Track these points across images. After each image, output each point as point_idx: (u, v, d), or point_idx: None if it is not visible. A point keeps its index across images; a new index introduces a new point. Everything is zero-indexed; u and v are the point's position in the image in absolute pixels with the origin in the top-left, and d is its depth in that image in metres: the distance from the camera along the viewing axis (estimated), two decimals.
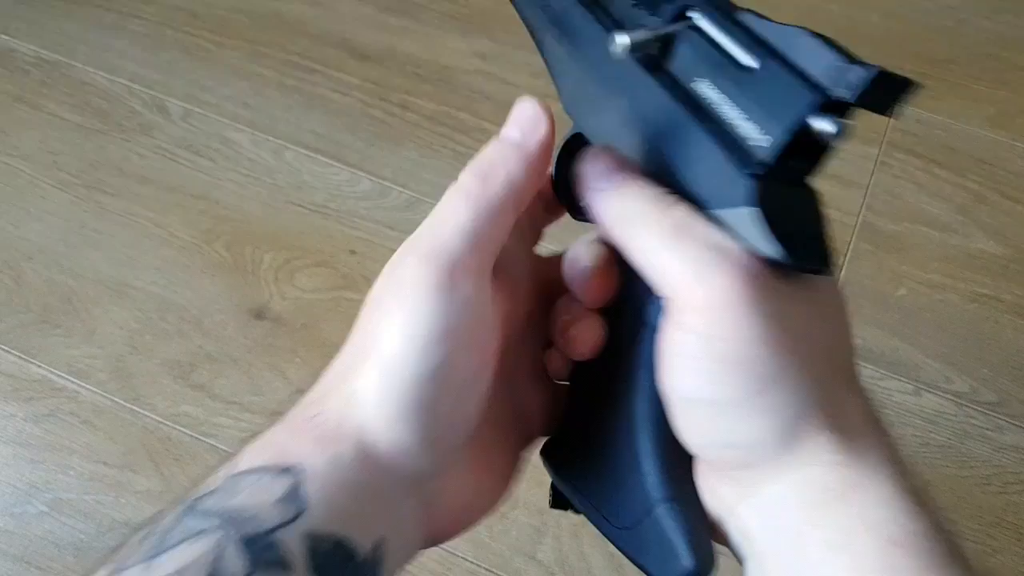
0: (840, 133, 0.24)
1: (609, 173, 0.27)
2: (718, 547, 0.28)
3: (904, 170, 0.87)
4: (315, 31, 0.96)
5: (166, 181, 0.85)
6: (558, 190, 0.32)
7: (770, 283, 0.25)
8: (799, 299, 0.25)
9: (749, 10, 0.28)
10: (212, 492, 0.25)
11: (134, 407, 0.72)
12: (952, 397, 0.74)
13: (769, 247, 0.25)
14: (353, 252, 0.80)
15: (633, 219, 0.26)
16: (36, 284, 0.79)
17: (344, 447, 0.26)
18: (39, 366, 0.74)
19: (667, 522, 0.28)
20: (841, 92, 0.24)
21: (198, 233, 0.82)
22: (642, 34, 0.27)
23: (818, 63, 0.26)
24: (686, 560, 0.27)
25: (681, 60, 0.28)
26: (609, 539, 0.31)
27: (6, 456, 0.70)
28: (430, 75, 0.93)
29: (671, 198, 0.26)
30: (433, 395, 0.25)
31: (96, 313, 0.77)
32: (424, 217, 0.28)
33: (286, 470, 0.25)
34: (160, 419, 0.72)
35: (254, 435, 0.27)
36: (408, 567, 0.29)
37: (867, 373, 0.74)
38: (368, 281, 0.82)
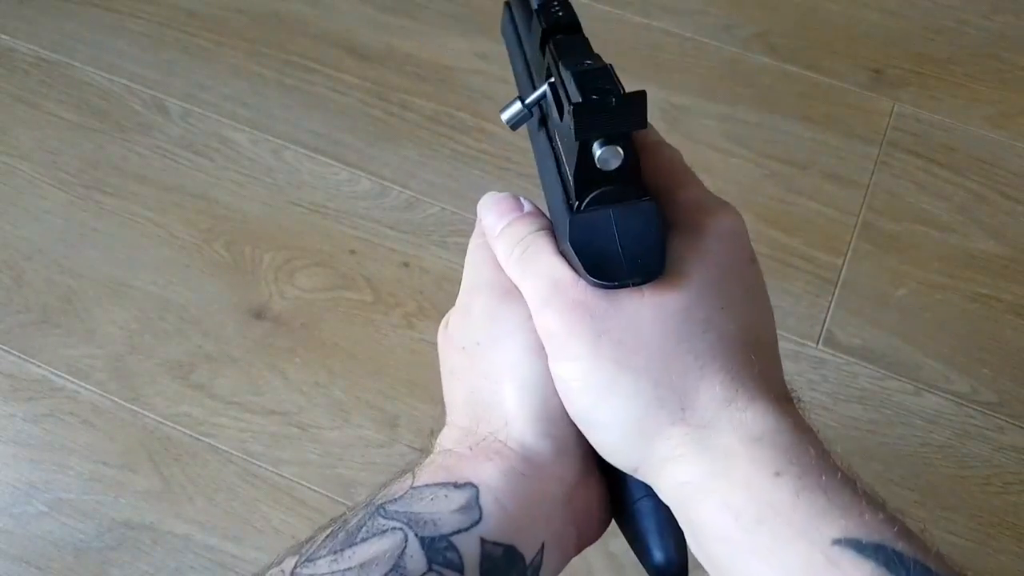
0: (610, 158, 0.28)
1: (502, 216, 0.33)
2: None
3: (904, 170, 0.86)
4: (315, 31, 0.96)
5: (165, 181, 0.85)
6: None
7: (594, 306, 0.28)
8: (629, 312, 0.28)
9: (602, 67, 0.30)
10: (398, 499, 0.28)
11: (134, 407, 0.72)
12: (952, 397, 0.74)
13: (585, 273, 0.28)
14: (353, 252, 0.80)
15: (508, 255, 0.31)
16: (35, 284, 0.79)
17: (513, 462, 0.29)
18: (39, 366, 0.74)
19: (645, 518, 0.31)
20: (581, 136, 0.28)
21: (197, 233, 0.82)
22: (515, 108, 0.34)
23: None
24: (657, 555, 0.30)
25: (550, 120, 0.33)
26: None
27: (6, 456, 0.70)
28: (430, 75, 0.93)
29: (535, 236, 0.31)
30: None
31: (96, 313, 0.77)
32: (424, 216, 0.30)
33: (464, 484, 0.29)
34: (160, 419, 0.72)
35: (418, 463, 0.31)
36: None
37: (867, 373, 0.74)
38: (368, 281, 0.82)
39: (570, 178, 0.30)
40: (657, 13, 0.98)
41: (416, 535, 0.27)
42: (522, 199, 0.34)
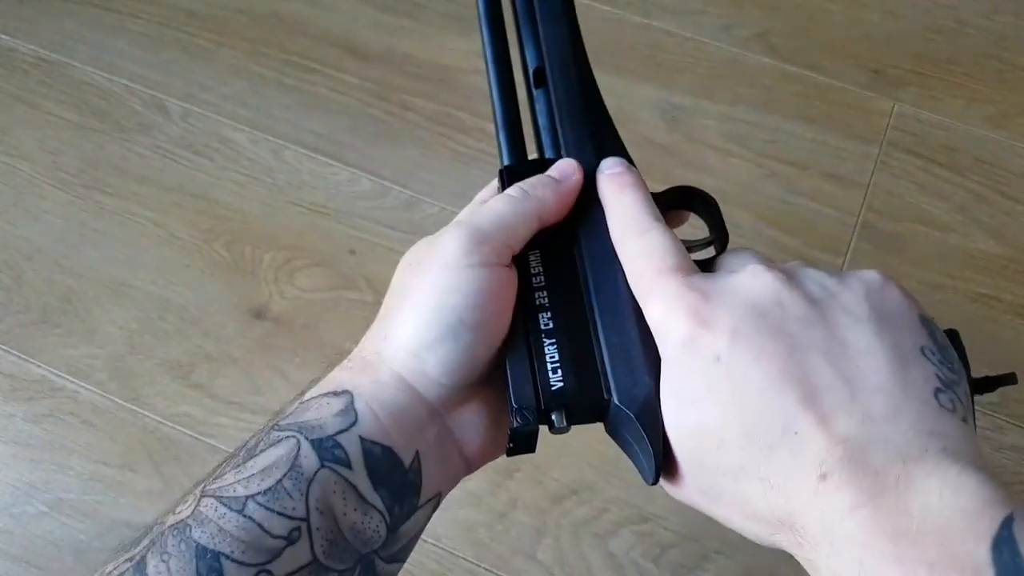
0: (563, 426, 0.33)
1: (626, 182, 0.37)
2: (714, 548, 0.29)
3: (904, 170, 0.86)
4: (315, 31, 0.96)
5: (165, 181, 0.85)
6: None
7: None
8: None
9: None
10: (288, 414, 0.33)
11: (134, 407, 0.72)
12: None
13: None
14: (353, 252, 0.80)
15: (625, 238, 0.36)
16: (35, 284, 0.79)
17: (382, 374, 0.33)
18: (38, 366, 0.74)
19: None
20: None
21: (197, 233, 0.82)
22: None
23: None
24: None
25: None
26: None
27: (6, 456, 0.70)
28: (430, 75, 0.93)
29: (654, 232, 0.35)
30: (452, 333, 0.32)
31: (96, 313, 0.77)
32: (424, 216, 0.30)
33: (342, 392, 0.33)
34: (160, 419, 0.72)
35: (316, 380, 0.34)
36: (407, 565, 0.32)
37: None
38: (368, 281, 0.82)
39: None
40: (657, 13, 0.98)
41: (307, 439, 0.31)
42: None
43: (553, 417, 0.33)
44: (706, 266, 0.36)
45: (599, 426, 0.35)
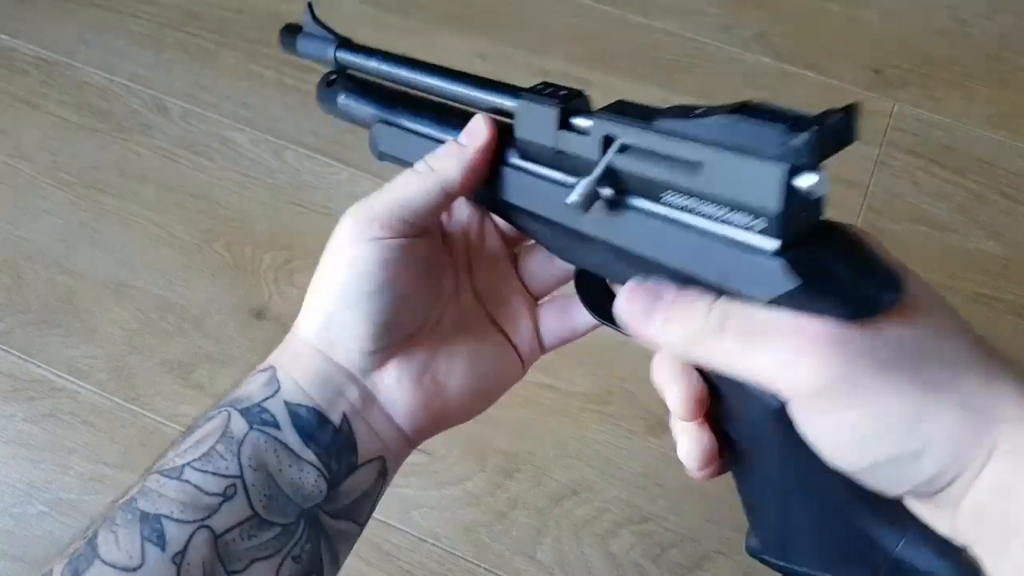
0: (822, 184, 0.25)
1: (649, 310, 0.30)
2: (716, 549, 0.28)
3: (904, 170, 0.86)
4: None
5: (166, 181, 0.85)
6: (588, 308, 0.38)
7: (861, 341, 0.25)
8: (895, 334, 0.26)
9: (670, 109, 0.30)
10: (222, 398, 0.35)
11: (134, 407, 0.72)
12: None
13: (832, 309, 0.25)
14: None
15: (699, 339, 0.28)
16: (36, 284, 0.79)
17: (298, 347, 0.36)
18: (39, 366, 0.74)
19: (916, 554, 0.28)
20: (801, 160, 0.25)
21: (198, 233, 0.82)
22: (584, 186, 0.31)
23: (767, 138, 0.26)
24: (953, 568, 0.27)
25: (637, 185, 0.30)
26: None
27: (6, 456, 0.70)
28: None
29: (711, 302, 0.28)
30: (350, 302, 0.35)
31: (96, 313, 0.77)
32: None
33: (266, 368, 0.36)
34: (160, 419, 0.72)
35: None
36: (407, 565, 0.32)
37: None
38: None
39: (754, 222, 0.27)
40: (657, 13, 0.98)
41: (236, 409, 0.34)
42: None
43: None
44: None
45: (598, 426, 0.35)
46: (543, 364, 0.44)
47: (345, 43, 0.45)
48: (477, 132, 0.37)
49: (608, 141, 0.31)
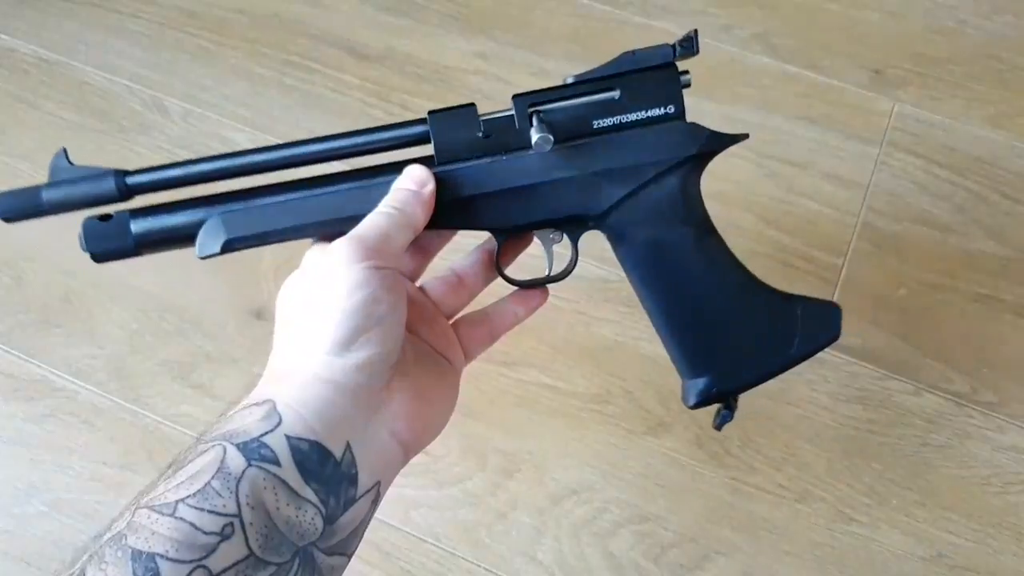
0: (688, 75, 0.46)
1: None
2: (711, 550, 0.28)
3: (904, 170, 0.86)
4: (315, 31, 0.96)
5: None
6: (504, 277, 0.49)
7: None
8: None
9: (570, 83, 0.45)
10: (212, 429, 0.35)
11: (134, 407, 0.72)
12: (952, 397, 0.74)
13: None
14: None
15: None
16: (35, 284, 0.79)
17: (302, 377, 0.36)
18: (39, 366, 0.74)
19: (809, 308, 0.46)
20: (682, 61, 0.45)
21: None
22: (539, 131, 0.42)
23: (655, 58, 0.45)
24: (835, 308, 0.46)
25: (566, 128, 0.44)
26: (797, 362, 0.46)
27: (6, 456, 0.70)
28: (430, 75, 0.93)
29: None
30: (362, 327, 0.36)
31: (96, 313, 0.77)
32: None
33: (264, 401, 0.35)
34: (160, 419, 0.72)
35: (236, 401, 0.36)
36: (407, 566, 0.32)
37: (867, 373, 0.74)
38: None
39: (663, 110, 0.47)
40: (657, 13, 0.98)
41: (232, 443, 0.33)
42: None
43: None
44: None
45: (598, 425, 0.37)
46: (543, 364, 0.45)
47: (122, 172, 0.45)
48: (422, 177, 0.42)
49: (531, 106, 0.44)
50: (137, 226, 0.45)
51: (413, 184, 0.42)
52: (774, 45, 0.96)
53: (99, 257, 0.47)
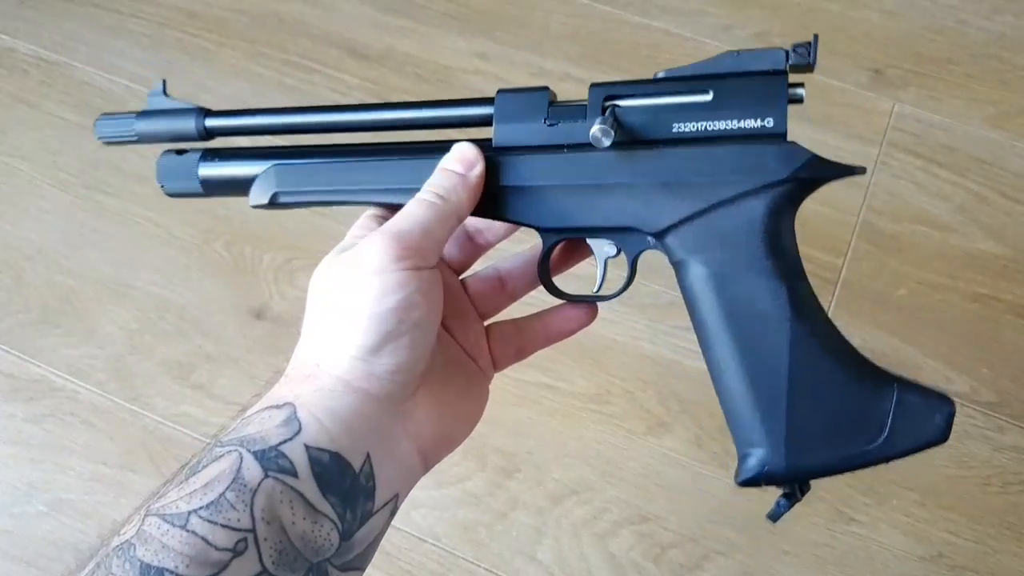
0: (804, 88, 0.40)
1: None
2: (716, 549, 0.28)
3: (904, 170, 0.86)
4: (315, 31, 0.96)
5: None
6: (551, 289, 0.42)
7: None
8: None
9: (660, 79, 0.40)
10: (230, 431, 0.33)
11: (134, 407, 0.72)
12: (952, 397, 0.74)
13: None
14: None
15: None
16: (36, 284, 0.79)
17: (325, 381, 0.34)
18: (39, 366, 0.74)
19: (910, 396, 0.38)
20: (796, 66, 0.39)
21: (197, 233, 0.82)
22: (601, 123, 0.36)
23: (763, 63, 0.40)
24: (946, 405, 0.39)
25: (641, 128, 0.38)
26: (880, 461, 0.38)
27: (6, 456, 0.70)
28: (430, 75, 0.93)
29: None
30: (393, 334, 0.33)
31: (96, 313, 0.77)
32: None
33: (283, 404, 0.33)
34: (160, 419, 0.72)
35: (258, 395, 0.35)
36: (407, 566, 0.31)
37: None
38: None
39: (762, 122, 0.40)
40: (657, 13, 0.98)
41: (249, 451, 0.31)
42: None
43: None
44: None
45: (598, 426, 0.36)
46: (543, 364, 0.44)
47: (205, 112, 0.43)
48: (471, 158, 0.38)
49: (608, 98, 0.38)
50: (204, 169, 0.43)
51: (461, 166, 0.38)
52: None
53: (171, 193, 0.45)
